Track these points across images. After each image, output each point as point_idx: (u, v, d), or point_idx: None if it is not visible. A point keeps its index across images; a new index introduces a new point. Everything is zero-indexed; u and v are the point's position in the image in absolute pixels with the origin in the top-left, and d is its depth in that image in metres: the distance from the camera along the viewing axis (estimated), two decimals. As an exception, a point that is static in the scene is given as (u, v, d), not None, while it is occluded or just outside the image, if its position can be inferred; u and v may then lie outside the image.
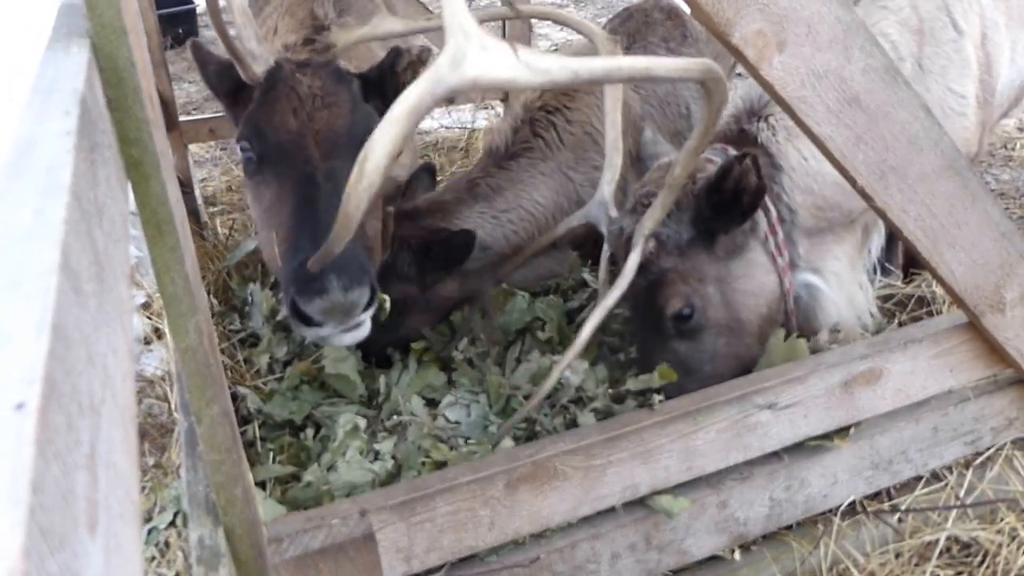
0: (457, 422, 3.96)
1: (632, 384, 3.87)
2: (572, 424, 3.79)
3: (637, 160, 5.44)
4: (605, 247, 4.21)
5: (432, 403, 4.23)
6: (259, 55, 3.53)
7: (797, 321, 4.25)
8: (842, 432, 3.87)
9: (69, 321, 1.04)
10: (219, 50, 3.78)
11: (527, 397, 4.06)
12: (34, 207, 1.15)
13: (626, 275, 3.63)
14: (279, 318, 4.95)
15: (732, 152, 4.13)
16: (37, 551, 0.76)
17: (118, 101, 1.80)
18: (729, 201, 3.77)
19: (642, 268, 3.80)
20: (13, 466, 0.78)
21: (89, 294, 1.19)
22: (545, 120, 5.28)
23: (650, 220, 3.69)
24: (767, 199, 3.97)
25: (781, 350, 3.97)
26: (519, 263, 4.94)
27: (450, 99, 8.53)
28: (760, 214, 3.98)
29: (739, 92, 4.57)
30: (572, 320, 4.94)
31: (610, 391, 4.01)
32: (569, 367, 3.99)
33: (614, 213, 4.16)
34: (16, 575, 0.70)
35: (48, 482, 0.83)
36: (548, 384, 3.60)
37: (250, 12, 3.54)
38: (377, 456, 3.70)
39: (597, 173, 5.24)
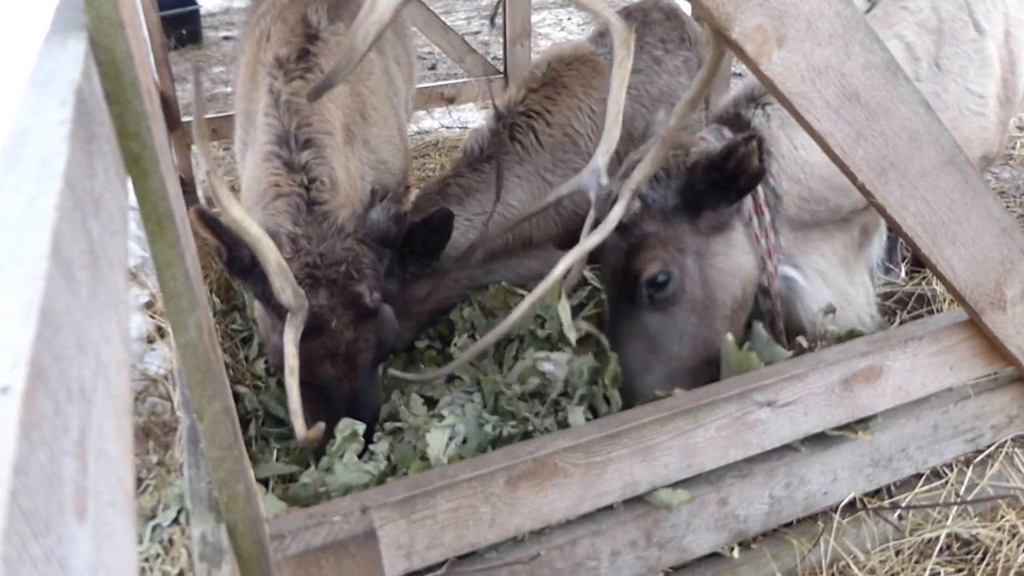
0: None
1: (569, 333, 3.90)
2: (564, 421, 3.80)
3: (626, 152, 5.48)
4: (591, 212, 4.22)
5: (431, 402, 4.25)
6: (296, 307, 3.67)
7: (782, 311, 4.26)
8: (862, 423, 3.88)
9: (59, 307, 1.03)
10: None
11: (520, 396, 4.08)
12: (27, 195, 1.15)
13: (608, 223, 3.65)
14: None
15: (727, 133, 4.18)
16: (19, 534, 0.75)
17: (116, 94, 1.80)
18: (726, 180, 3.81)
19: (624, 230, 3.88)
20: (-3, 448, 0.78)
21: (81, 282, 1.19)
22: (525, 124, 5.30)
23: (639, 173, 3.73)
24: None
25: (734, 359, 3.96)
26: (505, 231, 4.93)
27: (451, 99, 8.57)
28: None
29: (744, 79, 4.59)
30: (572, 317, 4.94)
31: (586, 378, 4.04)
32: (551, 361, 4.01)
33: (605, 181, 4.16)
34: None
35: (32, 466, 0.83)
36: (512, 318, 3.68)
37: (287, 267, 3.64)
38: (372, 456, 3.71)
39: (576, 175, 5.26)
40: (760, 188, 4.06)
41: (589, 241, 3.62)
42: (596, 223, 4.05)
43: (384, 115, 5.03)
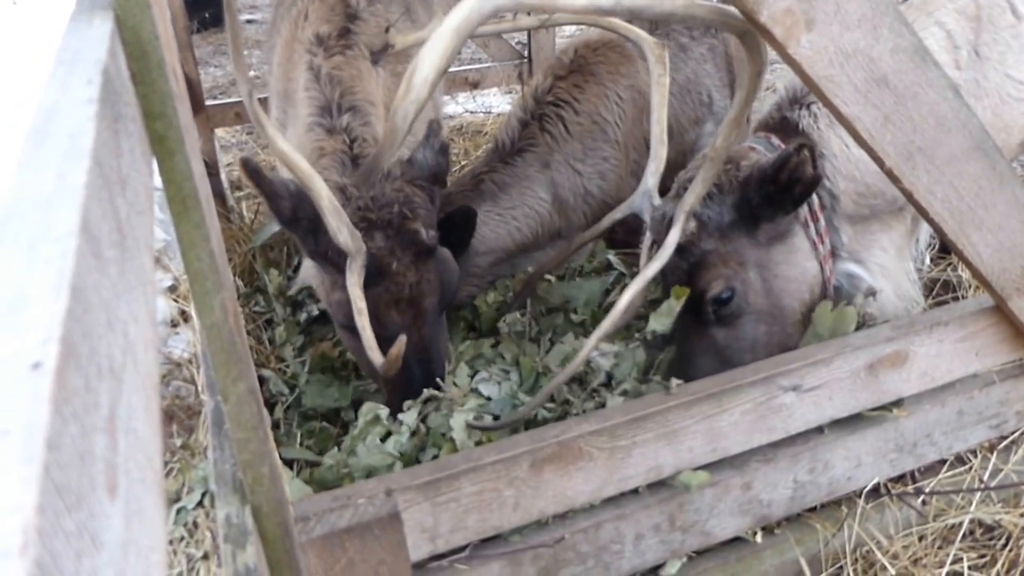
0: (488, 397, 3.96)
1: (654, 322, 3.85)
2: (602, 408, 3.80)
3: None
4: (647, 234, 4.19)
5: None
6: (354, 250, 3.65)
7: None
8: (898, 402, 3.90)
9: (88, 284, 1.03)
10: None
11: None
12: (56, 172, 1.15)
13: (666, 248, 3.61)
14: (290, 293, 5.06)
15: (775, 140, 4.14)
16: (52, 508, 0.75)
17: (142, 74, 1.80)
18: (781, 190, 3.76)
19: (682, 251, 3.83)
20: (28, 423, 0.78)
21: (110, 260, 1.19)
22: (554, 115, 5.28)
23: (692, 195, 3.69)
24: None
25: (828, 319, 3.93)
26: (562, 260, 4.92)
27: (475, 84, 8.54)
28: None
29: (782, 81, 4.54)
30: (602, 303, 4.94)
31: (636, 375, 4.01)
32: (599, 350, 3.99)
33: (658, 202, 4.14)
34: (30, 530, 0.70)
35: (65, 441, 0.83)
36: (575, 363, 3.60)
37: (341, 209, 3.62)
38: (399, 426, 3.70)
39: (606, 164, 5.25)
40: (814, 193, 4.02)
41: (650, 268, 3.58)
42: (652, 245, 4.03)
43: None
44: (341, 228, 3.58)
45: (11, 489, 0.72)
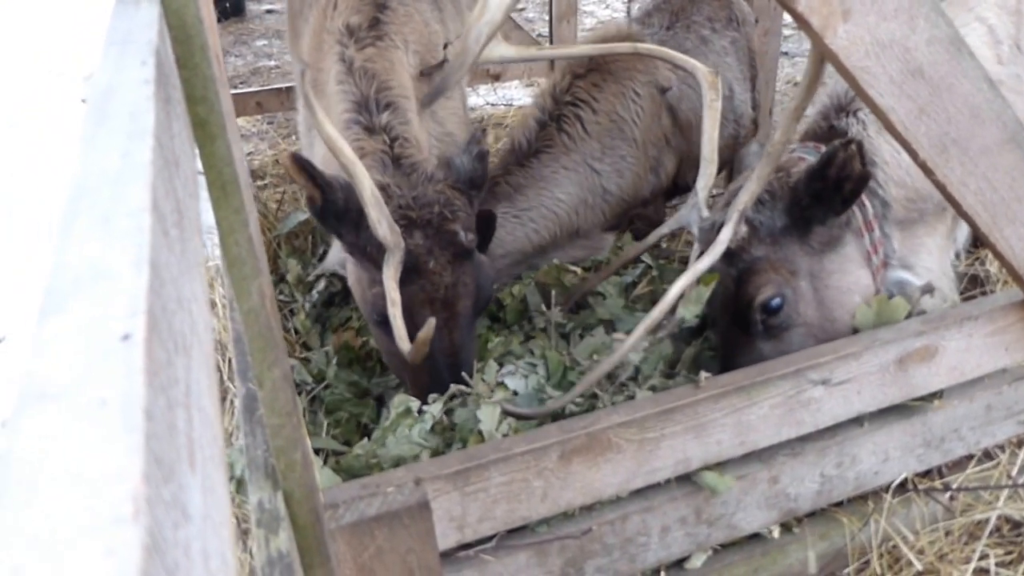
0: (515, 391, 3.95)
1: (683, 311, 3.83)
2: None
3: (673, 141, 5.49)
4: (695, 247, 4.17)
5: (509, 371, 4.25)
6: (392, 244, 3.65)
7: None
8: (939, 393, 3.90)
9: (161, 261, 1.04)
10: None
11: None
12: (121, 150, 1.15)
13: (718, 245, 3.59)
14: (308, 279, 5.09)
15: (824, 150, 4.12)
16: (153, 478, 0.75)
17: (185, 58, 1.80)
18: (831, 189, 3.71)
19: (731, 257, 3.80)
20: (126, 393, 0.78)
21: (175, 239, 1.19)
22: (572, 115, 5.29)
23: (746, 193, 3.65)
24: (863, 195, 3.90)
25: (869, 317, 3.90)
26: (607, 275, 4.91)
27: (496, 76, 8.56)
28: (855, 210, 3.92)
29: (825, 89, 4.50)
30: (629, 295, 4.93)
31: (662, 368, 4.01)
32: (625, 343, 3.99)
33: (706, 214, 4.12)
34: (140, 499, 0.69)
35: (157, 412, 0.83)
36: (617, 356, 3.59)
37: (382, 201, 3.64)
38: (421, 417, 3.69)
39: (624, 162, 5.25)
40: (868, 202, 4.00)
41: (701, 264, 3.56)
42: (701, 255, 4.01)
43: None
44: (381, 220, 3.58)
45: (118, 457, 0.72)
